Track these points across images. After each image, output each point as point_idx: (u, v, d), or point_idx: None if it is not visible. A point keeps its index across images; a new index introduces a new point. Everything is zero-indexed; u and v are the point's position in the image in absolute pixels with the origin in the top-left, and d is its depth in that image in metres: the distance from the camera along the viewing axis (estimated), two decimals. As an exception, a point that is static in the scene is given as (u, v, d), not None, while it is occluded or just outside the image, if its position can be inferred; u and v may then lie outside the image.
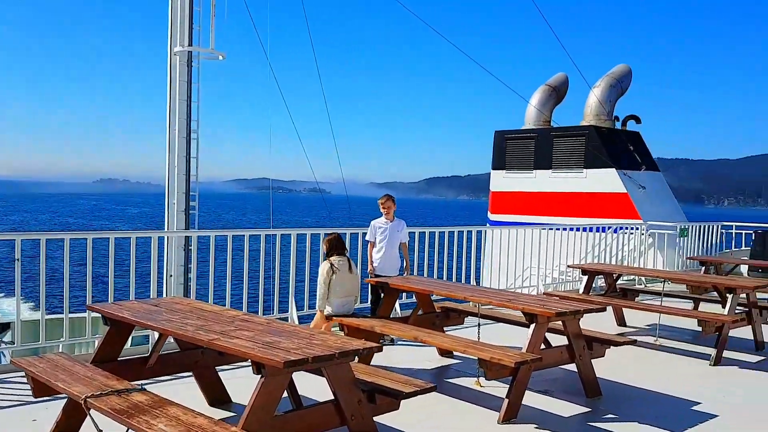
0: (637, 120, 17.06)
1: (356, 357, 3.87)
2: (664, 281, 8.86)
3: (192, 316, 4.58)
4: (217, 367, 5.16)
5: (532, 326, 5.34)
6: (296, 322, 7.81)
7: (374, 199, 8.23)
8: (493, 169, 18.36)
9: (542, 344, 5.50)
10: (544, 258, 11.49)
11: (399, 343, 7.39)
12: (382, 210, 7.71)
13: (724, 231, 15.06)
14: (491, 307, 6.94)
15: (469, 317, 7.05)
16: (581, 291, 8.86)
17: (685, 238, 14.24)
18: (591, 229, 13.34)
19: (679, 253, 14.19)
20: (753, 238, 14.33)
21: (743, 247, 14.94)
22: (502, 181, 18.08)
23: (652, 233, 14.27)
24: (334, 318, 6.38)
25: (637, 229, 13.70)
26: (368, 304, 7.91)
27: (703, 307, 9.47)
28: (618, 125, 16.95)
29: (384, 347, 7.00)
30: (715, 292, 9.97)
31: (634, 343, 6.04)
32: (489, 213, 18.67)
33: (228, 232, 7.70)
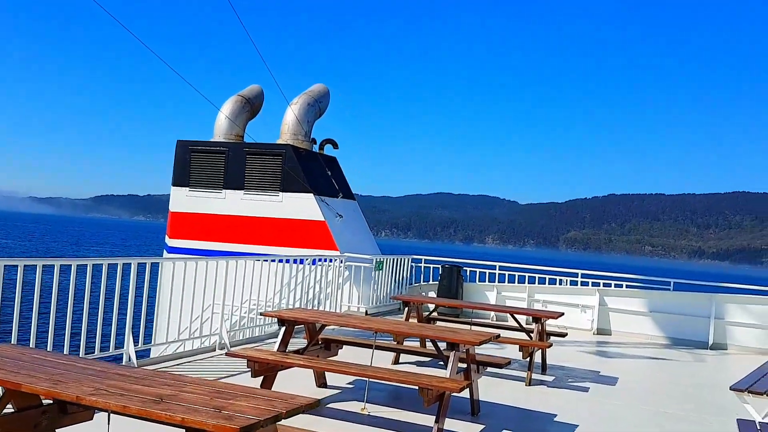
0: (335, 145, 16.13)
1: None
2: (375, 334, 7.32)
3: None
4: None
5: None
6: None
7: (33, 216, 4.94)
8: (174, 185, 15.48)
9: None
10: (230, 294, 9.26)
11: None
12: None
13: (414, 264, 14.84)
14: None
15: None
16: (277, 347, 6.72)
17: (380, 272, 13.50)
18: (288, 261, 11.57)
19: (373, 288, 13.36)
20: (440, 272, 14.32)
21: (431, 281, 14.90)
22: (185, 201, 15.31)
23: (349, 266, 13.17)
24: None
25: (333, 261, 12.42)
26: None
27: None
28: (316, 148, 15.76)
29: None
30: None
31: None
32: (167, 237, 15.66)
33: None
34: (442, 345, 6.97)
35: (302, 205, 14.10)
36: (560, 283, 14.29)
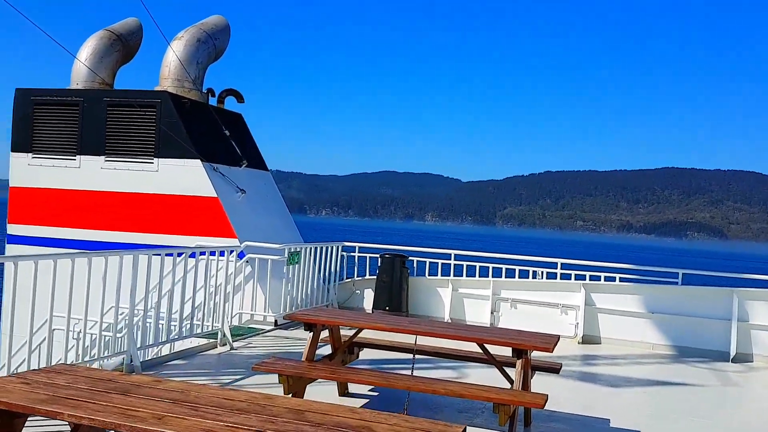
0: (239, 97, 12.32)
1: None
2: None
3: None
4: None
5: None
6: None
7: None
8: (14, 151, 11.33)
9: None
10: (81, 305, 6.07)
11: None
12: None
13: (345, 254, 11.28)
14: None
15: None
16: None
17: (296, 266, 9.90)
18: (170, 254, 7.86)
19: (287, 289, 9.75)
20: (379, 263, 10.86)
21: (368, 275, 11.41)
22: (28, 172, 11.21)
23: (250, 259, 9.54)
24: None
25: (228, 253, 8.63)
26: None
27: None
28: (213, 101, 11.90)
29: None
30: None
31: None
32: (8, 223, 11.54)
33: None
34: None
35: (185, 176, 10.29)
36: (534, 276, 11.07)
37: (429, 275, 11.20)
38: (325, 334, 6.29)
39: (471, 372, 7.35)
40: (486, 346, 5.91)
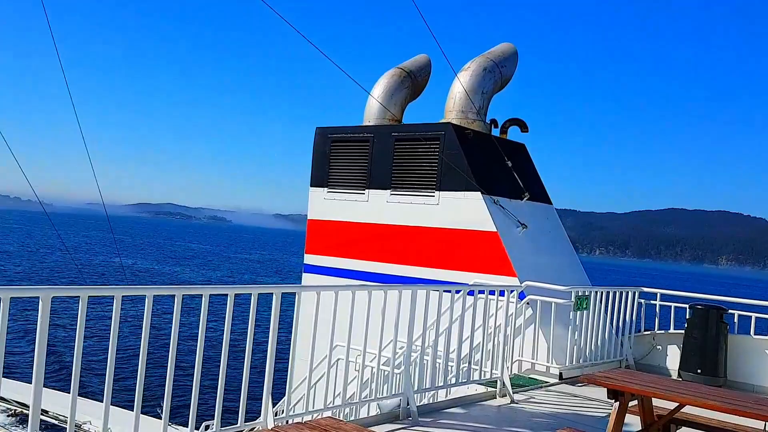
0: (524, 127, 11.65)
1: None
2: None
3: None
4: None
5: None
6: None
7: (281, 231, 2.10)
8: (312, 186, 12.26)
9: None
10: (360, 336, 5.95)
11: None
12: None
13: (642, 301, 9.67)
14: None
15: None
16: None
17: (585, 312, 8.70)
18: (452, 290, 7.59)
19: (573, 337, 8.60)
20: (688, 316, 9.03)
21: (671, 330, 9.62)
22: (324, 206, 12.01)
23: (532, 301, 8.62)
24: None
25: (508, 293, 7.83)
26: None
27: None
28: (496, 132, 11.44)
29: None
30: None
31: None
32: (305, 253, 12.50)
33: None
34: None
35: (465, 209, 9.89)
36: None
37: (755, 334, 8.96)
38: (633, 402, 5.09)
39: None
40: None
